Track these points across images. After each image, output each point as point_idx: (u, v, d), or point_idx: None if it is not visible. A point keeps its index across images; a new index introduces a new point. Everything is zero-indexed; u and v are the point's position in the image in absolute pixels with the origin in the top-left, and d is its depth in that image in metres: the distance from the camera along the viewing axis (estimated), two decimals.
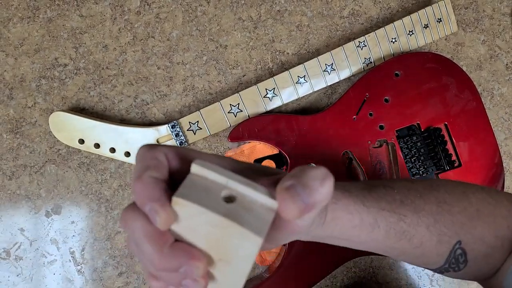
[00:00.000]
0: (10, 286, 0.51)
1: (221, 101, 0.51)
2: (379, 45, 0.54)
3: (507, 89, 0.59)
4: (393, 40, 0.55)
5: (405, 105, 0.52)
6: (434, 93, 0.53)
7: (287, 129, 0.51)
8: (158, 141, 0.51)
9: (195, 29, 0.55)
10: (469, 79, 0.54)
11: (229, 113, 0.51)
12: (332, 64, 0.53)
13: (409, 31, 0.55)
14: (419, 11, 0.55)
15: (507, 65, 0.59)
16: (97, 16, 0.53)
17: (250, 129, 0.50)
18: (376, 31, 0.54)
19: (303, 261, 0.49)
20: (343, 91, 0.56)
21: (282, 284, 0.49)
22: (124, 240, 0.53)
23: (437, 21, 0.56)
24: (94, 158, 0.53)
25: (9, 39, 0.52)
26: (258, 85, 0.52)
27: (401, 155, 0.52)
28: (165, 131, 0.51)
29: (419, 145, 0.52)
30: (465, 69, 0.58)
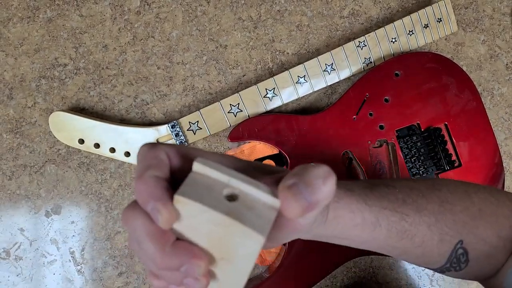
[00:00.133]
0: (10, 286, 0.51)
1: (221, 101, 0.51)
2: (379, 45, 0.54)
3: (507, 89, 0.59)
4: (393, 40, 0.55)
5: (405, 105, 0.52)
6: (434, 93, 0.53)
7: (287, 129, 0.51)
8: (158, 141, 0.51)
9: (195, 29, 0.55)
10: (469, 79, 0.54)
11: (229, 113, 0.51)
12: (332, 64, 0.53)
13: (409, 31, 0.55)
14: (419, 11, 0.55)
15: (507, 65, 0.59)
16: (97, 16, 0.53)
17: (250, 129, 0.50)
18: (376, 31, 0.54)
19: (303, 261, 0.49)
20: (343, 91, 0.56)
21: (282, 284, 0.49)
22: (124, 240, 0.53)
23: (437, 21, 0.56)
24: (94, 158, 0.53)
25: (9, 39, 0.52)
26: (258, 85, 0.52)
27: (401, 155, 0.52)
28: (165, 131, 0.51)
29: (419, 145, 0.52)
30: (465, 69, 0.58)
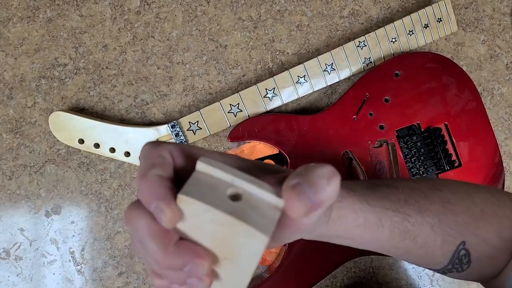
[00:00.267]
0: (10, 286, 0.51)
1: (221, 101, 0.51)
2: (379, 45, 0.54)
3: (507, 89, 0.59)
4: (393, 40, 0.55)
5: (405, 105, 0.52)
6: (434, 93, 0.53)
7: (287, 129, 0.51)
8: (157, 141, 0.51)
9: (195, 29, 0.55)
10: (469, 79, 0.54)
11: (229, 113, 0.51)
12: (332, 64, 0.53)
13: (409, 31, 0.55)
14: (419, 11, 0.55)
15: (507, 65, 0.59)
16: (97, 16, 0.53)
17: (250, 129, 0.50)
18: (376, 31, 0.54)
19: (303, 261, 0.49)
20: (343, 91, 0.56)
21: (282, 284, 0.49)
22: (124, 240, 0.53)
23: (437, 21, 0.56)
24: (94, 158, 0.52)
25: (9, 39, 0.52)
26: (258, 85, 0.52)
27: (401, 155, 0.52)
28: (165, 131, 0.51)
29: (419, 145, 0.52)
30: (465, 69, 0.58)
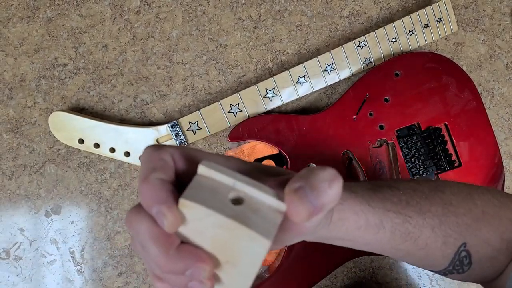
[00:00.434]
0: (10, 286, 0.51)
1: (221, 101, 0.51)
2: (379, 45, 0.54)
3: (507, 89, 0.59)
4: (393, 40, 0.55)
5: (405, 105, 0.52)
6: (434, 93, 0.53)
7: (287, 129, 0.51)
8: (157, 141, 0.51)
9: (195, 29, 0.55)
10: (469, 79, 0.54)
11: (229, 113, 0.51)
12: (332, 64, 0.53)
13: (409, 31, 0.55)
14: (419, 11, 0.55)
15: (507, 65, 0.59)
16: (96, 16, 0.53)
17: (250, 129, 0.50)
18: (376, 31, 0.54)
19: (303, 261, 0.49)
20: (343, 91, 0.56)
21: (282, 284, 0.49)
22: (124, 240, 0.53)
23: (437, 21, 0.56)
24: (93, 158, 0.52)
25: (8, 39, 0.52)
26: (258, 85, 0.52)
27: (401, 155, 0.52)
28: (164, 131, 0.51)
29: (419, 145, 0.52)
30: (465, 69, 0.58)
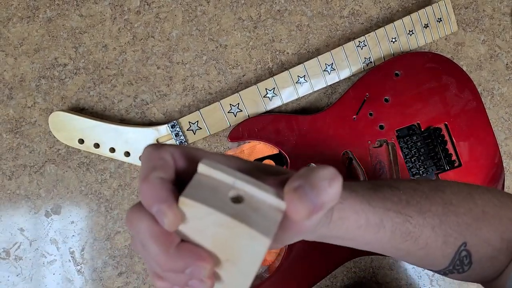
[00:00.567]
0: (10, 286, 0.51)
1: (221, 101, 0.51)
2: (379, 44, 0.54)
3: (507, 89, 0.59)
4: (393, 40, 0.55)
5: (405, 105, 0.52)
6: (434, 93, 0.53)
7: (287, 129, 0.51)
8: (157, 141, 0.51)
9: (195, 29, 0.55)
10: (469, 79, 0.54)
11: (229, 113, 0.51)
12: (332, 64, 0.53)
13: (409, 31, 0.55)
14: (419, 11, 0.55)
15: (507, 65, 0.59)
16: (96, 16, 0.53)
17: (250, 129, 0.50)
18: (376, 31, 0.54)
19: (303, 261, 0.49)
20: (343, 91, 0.56)
21: (282, 284, 0.49)
22: (124, 240, 0.53)
23: (437, 21, 0.56)
24: (93, 158, 0.52)
25: (8, 39, 0.52)
26: (258, 85, 0.52)
27: (401, 155, 0.52)
28: (164, 131, 0.51)
29: (419, 145, 0.52)
30: (465, 69, 0.58)
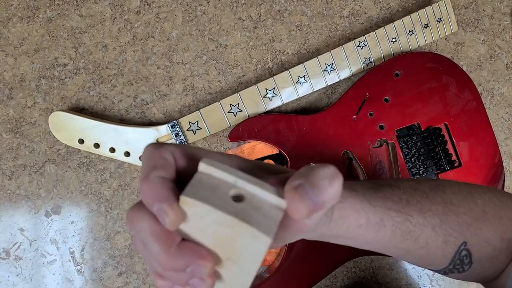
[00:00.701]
0: (10, 286, 0.51)
1: (221, 101, 0.51)
2: (379, 44, 0.54)
3: (507, 89, 0.59)
4: (393, 40, 0.55)
5: (405, 105, 0.52)
6: (434, 93, 0.53)
7: (287, 129, 0.51)
8: (158, 141, 0.51)
9: (195, 29, 0.55)
10: (469, 79, 0.54)
11: (229, 113, 0.51)
12: (332, 64, 0.53)
13: (409, 31, 0.55)
14: (419, 11, 0.55)
15: (507, 65, 0.59)
16: (96, 16, 0.53)
17: (250, 129, 0.50)
18: (376, 31, 0.54)
19: (303, 261, 0.49)
20: (343, 91, 0.56)
21: (282, 284, 0.49)
22: (124, 240, 0.53)
23: (437, 21, 0.56)
24: (93, 158, 0.52)
25: (8, 39, 0.52)
26: (258, 85, 0.52)
27: (401, 155, 0.52)
28: (164, 131, 0.51)
29: (419, 145, 0.52)
30: (465, 69, 0.58)
